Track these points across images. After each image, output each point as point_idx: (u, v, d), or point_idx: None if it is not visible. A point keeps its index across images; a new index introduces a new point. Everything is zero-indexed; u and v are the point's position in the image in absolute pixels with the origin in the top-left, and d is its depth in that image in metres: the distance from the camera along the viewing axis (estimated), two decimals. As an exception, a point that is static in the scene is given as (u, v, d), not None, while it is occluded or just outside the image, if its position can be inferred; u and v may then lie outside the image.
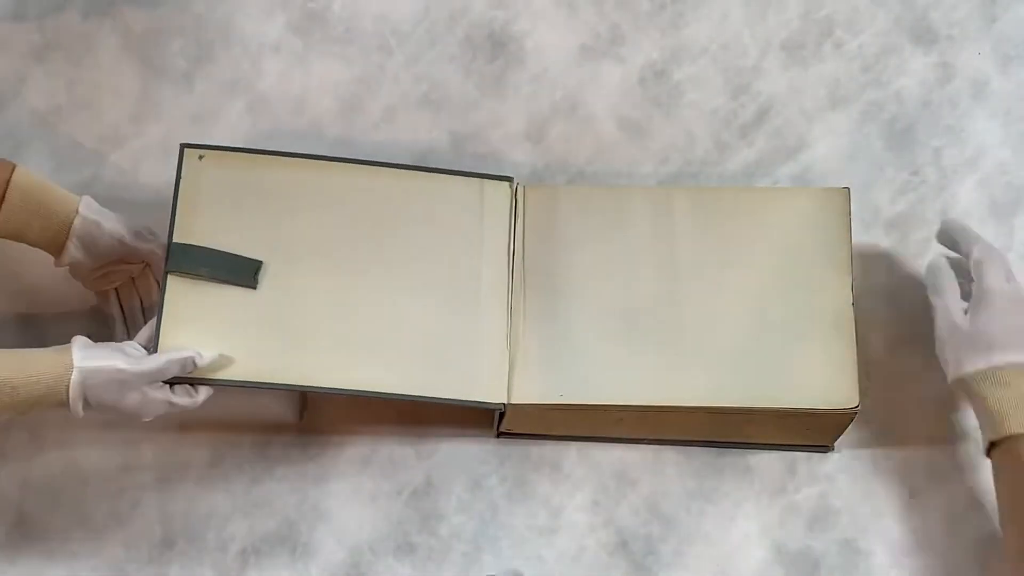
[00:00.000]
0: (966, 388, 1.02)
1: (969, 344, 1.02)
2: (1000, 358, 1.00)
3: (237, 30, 1.26)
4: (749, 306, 1.06)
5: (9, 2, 1.26)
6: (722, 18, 1.26)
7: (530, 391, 1.04)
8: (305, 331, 1.04)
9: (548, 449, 1.11)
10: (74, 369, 0.96)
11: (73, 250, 1.05)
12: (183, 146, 1.08)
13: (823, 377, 1.03)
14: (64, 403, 0.97)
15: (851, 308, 1.05)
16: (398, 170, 1.10)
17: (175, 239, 1.05)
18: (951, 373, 1.04)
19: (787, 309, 1.06)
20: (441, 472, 1.10)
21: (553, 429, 1.09)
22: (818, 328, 1.05)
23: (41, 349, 0.98)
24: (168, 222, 1.06)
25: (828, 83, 1.23)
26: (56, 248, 1.06)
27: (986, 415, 1.00)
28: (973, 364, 1.01)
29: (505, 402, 1.03)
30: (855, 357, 1.04)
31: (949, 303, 1.05)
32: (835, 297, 1.06)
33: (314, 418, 1.12)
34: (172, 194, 1.08)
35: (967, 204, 1.18)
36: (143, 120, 1.22)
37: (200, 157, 1.08)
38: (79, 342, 0.98)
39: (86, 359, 0.97)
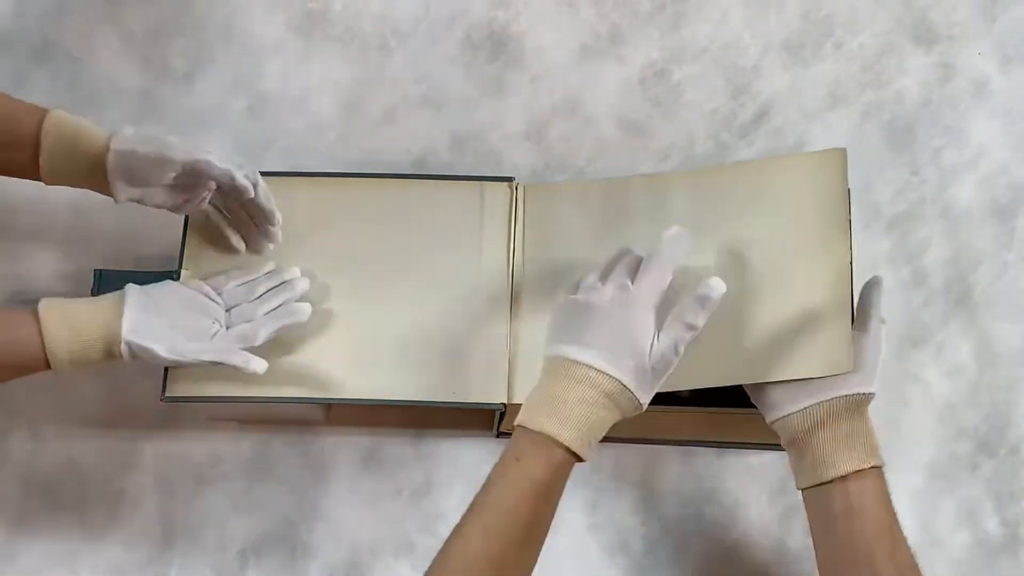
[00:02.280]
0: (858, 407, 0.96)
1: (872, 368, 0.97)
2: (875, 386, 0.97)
3: (237, 30, 1.26)
4: (749, 286, 1.03)
5: (9, 2, 1.26)
6: (722, 18, 1.26)
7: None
8: (314, 344, 1.05)
9: (548, 449, 1.11)
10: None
11: (121, 188, 1.00)
12: None
13: (822, 348, 0.98)
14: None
15: (849, 268, 1.01)
16: (397, 179, 1.11)
17: (184, 268, 1.07)
18: (871, 388, 0.96)
19: (787, 284, 1.02)
20: (441, 472, 1.10)
21: (553, 429, 1.09)
22: (817, 298, 1.00)
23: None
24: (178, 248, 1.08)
25: (828, 83, 1.23)
26: (106, 189, 1.01)
27: (851, 444, 0.94)
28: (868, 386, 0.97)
29: (505, 402, 1.03)
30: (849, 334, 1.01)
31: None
32: (836, 260, 1.01)
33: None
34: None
35: (967, 204, 1.18)
36: (143, 120, 1.22)
37: None
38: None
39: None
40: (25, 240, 1.17)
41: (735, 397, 1.02)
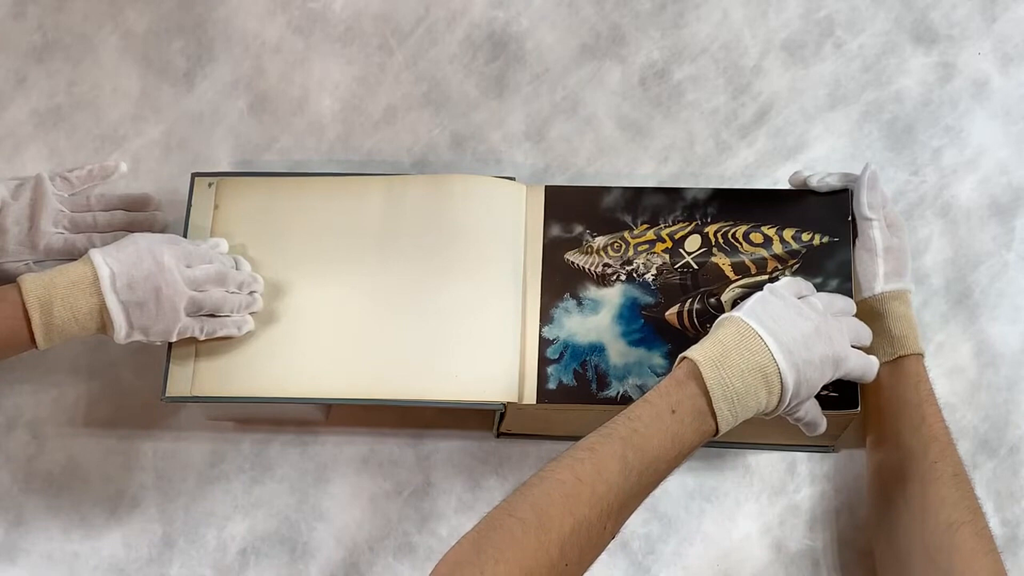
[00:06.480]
0: (878, 305, 1.04)
1: (896, 261, 1.05)
2: (907, 281, 1.05)
3: (237, 30, 1.26)
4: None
5: (9, 2, 1.26)
6: (722, 18, 1.26)
7: (530, 391, 1.04)
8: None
9: (548, 449, 1.11)
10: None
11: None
12: (194, 175, 1.10)
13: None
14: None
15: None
16: (398, 178, 1.10)
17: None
18: (876, 288, 1.04)
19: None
20: (441, 472, 1.10)
21: (553, 429, 1.09)
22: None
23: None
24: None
25: (828, 83, 1.23)
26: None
27: (892, 333, 1.03)
28: (893, 283, 1.04)
29: (516, 401, 1.03)
30: None
31: (882, 218, 1.06)
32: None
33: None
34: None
35: (967, 204, 1.18)
36: (143, 120, 1.22)
37: (210, 184, 1.09)
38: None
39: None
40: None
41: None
